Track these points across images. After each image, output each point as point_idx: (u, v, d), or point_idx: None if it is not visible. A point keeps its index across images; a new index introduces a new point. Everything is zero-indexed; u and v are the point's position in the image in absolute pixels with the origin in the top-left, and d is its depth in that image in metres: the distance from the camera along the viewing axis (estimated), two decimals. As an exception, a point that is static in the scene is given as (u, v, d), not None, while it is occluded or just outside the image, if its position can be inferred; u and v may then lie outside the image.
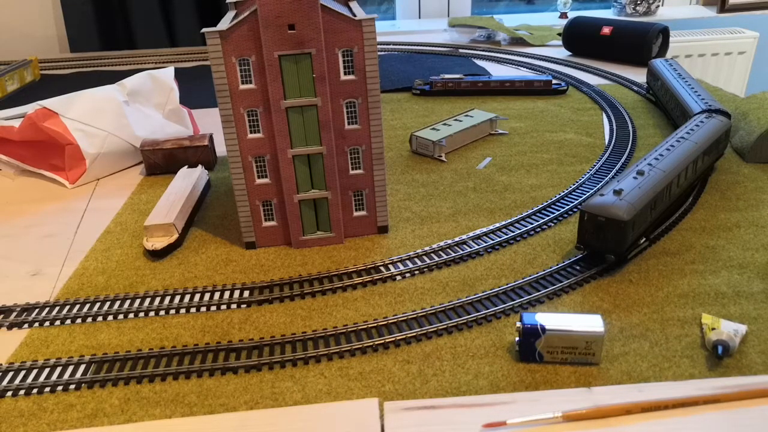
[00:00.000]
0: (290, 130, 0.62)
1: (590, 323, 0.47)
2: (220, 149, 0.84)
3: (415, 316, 0.54)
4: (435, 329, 0.52)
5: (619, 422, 0.42)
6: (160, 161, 0.87)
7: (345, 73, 0.61)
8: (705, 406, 0.43)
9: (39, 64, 1.43)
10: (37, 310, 0.59)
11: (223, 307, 0.58)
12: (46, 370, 0.51)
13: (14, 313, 0.58)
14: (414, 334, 0.52)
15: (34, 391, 0.49)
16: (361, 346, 0.50)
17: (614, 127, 0.96)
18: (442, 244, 0.66)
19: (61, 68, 1.49)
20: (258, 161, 0.64)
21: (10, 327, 0.57)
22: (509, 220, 0.70)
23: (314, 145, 0.63)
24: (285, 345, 0.52)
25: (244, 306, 0.58)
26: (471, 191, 0.78)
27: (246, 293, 0.60)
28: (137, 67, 1.44)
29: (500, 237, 0.66)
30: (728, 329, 0.49)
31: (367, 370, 0.48)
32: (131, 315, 0.58)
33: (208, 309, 0.58)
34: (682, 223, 0.68)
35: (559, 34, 1.43)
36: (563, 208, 0.72)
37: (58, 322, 0.57)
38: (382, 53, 1.49)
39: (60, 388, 0.49)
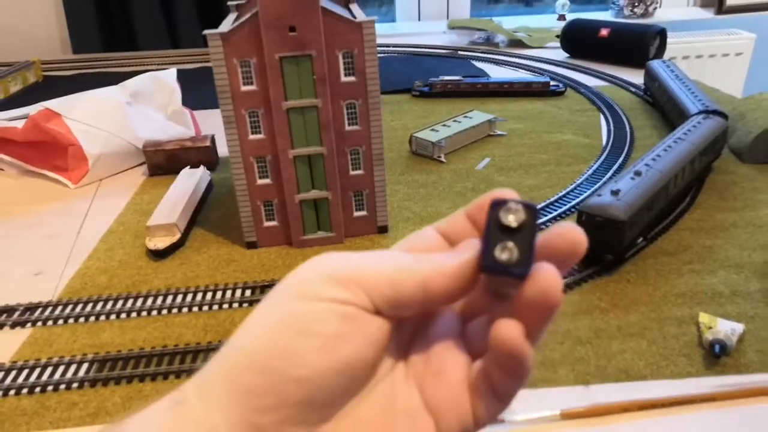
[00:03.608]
0: (291, 131, 0.62)
1: None
2: (222, 150, 0.85)
3: (414, 315, 0.54)
4: (435, 328, 0.52)
5: (617, 420, 0.43)
6: (162, 162, 0.87)
7: (345, 75, 0.61)
8: (702, 404, 0.44)
9: (41, 66, 1.44)
10: (39, 309, 0.59)
11: (225, 306, 0.59)
12: (49, 369, 0.51)
13: (17, 313, 0.59)
14: (414, 332, 0.52)
15: (37, 389, 0.49)
16: (361, 344, 0.51)
17: (612, 128, 0.97)
18: (441, 244, 0.66)
19: (63, 69, 1.49)
20: (259, 162, 0.64)
21: (13, 326, 0.57)
22: (508, 221, 0.70)
23: (315, 146, 0.63)
24: (286, 344, 0.52)
25: (245, 305, 0.59)
26: (470, 192, 0.79)
27: (248, 292, 0.60)
28: (139, 68, 1.44)
29: (499, 237, 0.67)
30: (725, 328, 0.49)
31: (368, 369, 0.49)
32: (133, 314, 0.58)
33: (210, 308, 0.59)
34: (679, 223, 0.68)
35: (558, 36, 1.44)
36: (561, 208, 0.73)
37: (60, 322, 0.57)
38: (382, 55, 1.50)
39: (63, 386, 0.49)
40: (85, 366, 0.52)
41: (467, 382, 0.27)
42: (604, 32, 1.32)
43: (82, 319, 0.58)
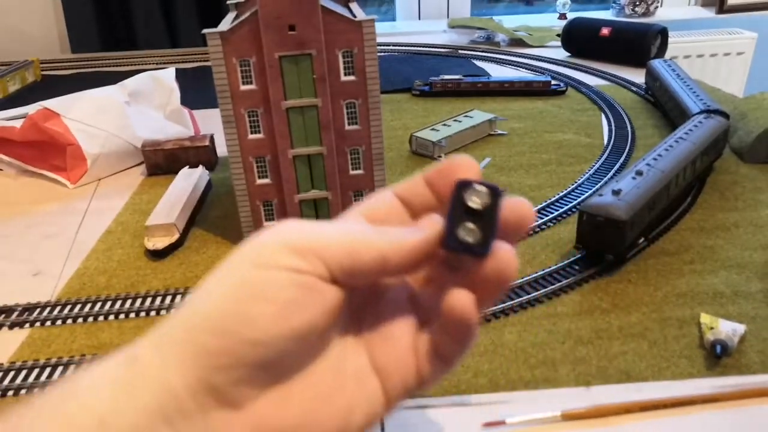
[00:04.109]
0: (291, 130, 0.62)
1: None
2: (221, 150, 0.85)
3: (414, 315, 0.54)
4: (435, 329, 0.52)
5: (618, 421, 0.43)
6: (161, 161, 0.87)
7: (345, 74, 0.61)
8: (703, 405, 0.44)
9: (40, 65, 1.43)
10: (38, 309, 0.59)
11: (224, 306, 0.58)
12: (48, 370, 0.51)
13: (15, 313, 0.58)
14: (414, 333, 0.52)
15: (36, 390, 0.49)
16: (361, 345, 0.51)
17: (613, 127, 0.97)
18: (441, 244, 0.66)
19: (62, 69, 1.49)
20: (259, 162, 0.64)
21: (11, 327, 0.57)
22: (509, 221, 0.70)
23: (315, 146, 0.63)
24: (285, 344, 0.52)
25: (244, 306, 0.58)
26: (471, 191, 0.78)
27: (246, 293, 0.60)
28: (138, 67, 1.44)
29: (500, 237, 0.67)
30: (726, 329, 0.49)
31: (368, 370, 0.48)
32: (132, 314, 0.58)
33: (208, 309, 0.58)
34: (680, 223, 0.68)
35: (558, 35, 1.43)
36: (562, 208, 0.72)
37: (59, 322, 0.57)
38: (382, 54, 1.50)
39: (62, 387, 0.49)
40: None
41: (413, 346, 0.28)
42: (605, 31, 1.32)
43: (80, 320, 0.57)
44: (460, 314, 0.26)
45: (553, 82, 1.15)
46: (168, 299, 0.60)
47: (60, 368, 0.51)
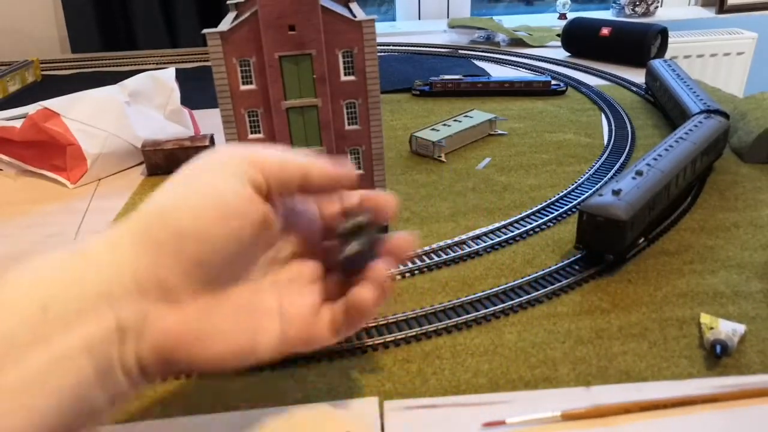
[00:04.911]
0: (291, 130, 0.62)
1: None
2: (221, 150, 0.85)
3: (414, 315, 0.54)
4: (435, 329, 0.52)
5: (618, 421, 0.43)
6: (161, 161, 0.87)
7: (345, 74, 0.61)
8: (703, 405, 0.44)
9: (40, 65, 1.43)
10: (38, 309, 0.59)
11: (224, 306, 0.58)
12: (48, 370, 0.51)
13: (16, 313, 0.58)
14: (414, 333, 0.52)
15: (36, 390, 0.49)
16: (361, 345, 0.51)
17: (613, 127, 0.97)
18: (441, 244, 0.66)
19: (62, 69, 1.49)
20: (258, 162, 0.64)
21: (11, 326, 0.57)
22: (508, 220, 0.70)
23: (315, 146, 0.63)
24: (285, 344, 0.52)
25: (244, 306, 0.58)
26: (470, 191, 0.78)
27: (246, 293, 0.60)
28: (138, 67, 1.44)
29: (499, 237, 0.67)
30: (727, 329, 0.49)
31: (367, 370, 0.49)
32: (132, 315, 0.58)
33: (208, 309, 0.58)
34: (680, 223, 0.68)
35: (558, 35, 1.43)
36: (562, 208, 0.72)
37: (59, 322, 0.57)
38: (382, 54, 1.50)
39: (62, 387, 0.49)
40: (83, 367, 0.51)
41: (315, 313, 0.36)
42: (605, 31, 1.32)
43: (80, 320, 0.57)
44: (361, 307, 0.35)
45: (553, 82, 1.15)
46: (168, 299, 0.60)
47: (60, 368, 0.51)
